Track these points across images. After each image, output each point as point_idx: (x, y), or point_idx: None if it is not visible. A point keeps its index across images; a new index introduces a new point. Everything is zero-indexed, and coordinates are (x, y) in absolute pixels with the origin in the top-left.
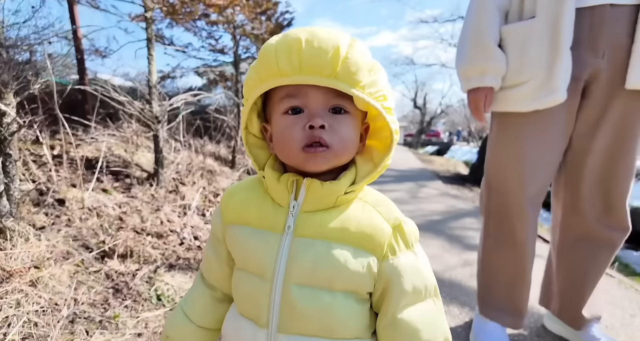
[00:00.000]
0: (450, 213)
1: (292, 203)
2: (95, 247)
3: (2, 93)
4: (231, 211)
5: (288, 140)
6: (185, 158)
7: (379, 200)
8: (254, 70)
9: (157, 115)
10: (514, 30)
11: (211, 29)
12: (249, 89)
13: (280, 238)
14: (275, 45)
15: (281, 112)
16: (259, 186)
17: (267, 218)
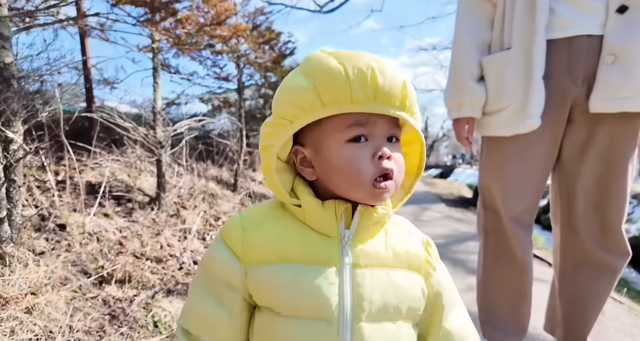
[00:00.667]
0: (453, 236)
1: (344, 233)
2: (94, 272)
3: (11, 121)
4: (258, 248)
5: (357, 171)
6: (188, 182)
7: (402, 220)
8: (310, 92)
9: (160, 141)
10: (493, 60)
11: (216, 58)
12: (300, 111)
13: (338, 272)
14: (347, 71)
15: (344, 140)
16: (283, 215)
17: (317, 252)
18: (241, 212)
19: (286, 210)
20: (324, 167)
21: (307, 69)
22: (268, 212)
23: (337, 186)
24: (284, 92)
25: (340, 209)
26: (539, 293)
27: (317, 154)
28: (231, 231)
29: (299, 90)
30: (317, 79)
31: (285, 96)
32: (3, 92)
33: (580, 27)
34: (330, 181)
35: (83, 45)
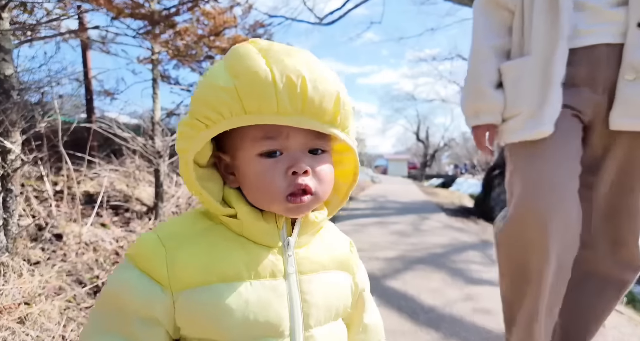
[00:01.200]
0: (453, 246)
1: (286, 241)
2: (89, 282)
3: (9, 132)
4: (190, 268)
5: (269, 187)
6: (186, 192)
7: (330, 224)
8: (231, 95)
9: (159, 150)
10: (512, 66)
11: None
12: (217, 115)
13: (284, 283)
14: (274, 77)
15: (255, 154)
16: (213, 227)
17: (261, 265)
18: (154, 229)
19: (214, 222)
20: (240, 178)
21: (232, 66)
22: (192, 225)
23: (254, 201)
24: (201, 88)
25: (281, 218)
26: None
27: (235, 164)
28: (147, 253)
29: (219, 90)
30: (240, 81)
31: (202, 94)
32: (2, 103)
33: (599, 36)
34: (251, 196)
35: (84, 57)
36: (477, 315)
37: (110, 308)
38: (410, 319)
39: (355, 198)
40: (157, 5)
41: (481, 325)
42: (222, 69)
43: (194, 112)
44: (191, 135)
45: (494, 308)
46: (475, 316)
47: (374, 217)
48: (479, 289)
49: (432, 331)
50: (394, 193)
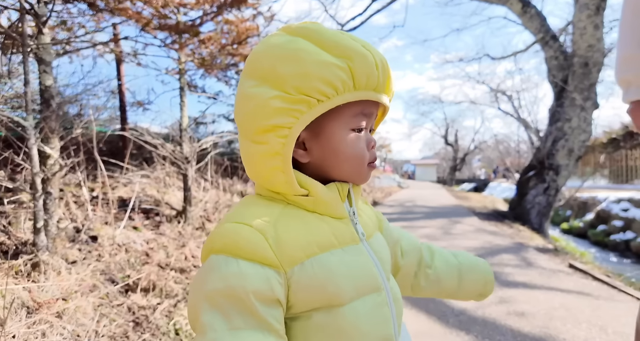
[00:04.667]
0: (486, 249)
1: (350, 210)
2: (121, 281)
3: (49, 138)
4: (294, 245)
5: (362, 156)
6: (213, 196)
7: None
8: (345, 72)
9: (187, 156)
10: None
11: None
12: (331, 90)
13: (362, 247)
14: (375, 58)
15: (350, 128)
16: (287, 208)
17: (343, 234)
18: (232, 219)
19: (280, 204)
20: (325, 151)
21: (336, 47)
22: (268, 209)
23: (338, 169)
24: (306, 64)
25: (344, 190)
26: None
27: (317, 137)
28: (248, 241)
29: (332, 67)
30: (353, 61)
31: (309, 69)
32: (43, 112)
33: None
34: (330, 164)
35: (119, 71)
36: (511, 318)
37: (230, 307)
38: (439, 321)
39: (382, 203)
40: (183, 16)
41: (516, 328)
42: (315, 48)
43: (297, 86)
44: (298, 109)
45: (529, 310)
46: (510, 319)
47: (401, 221)
48: (513, 292)
49: (463, 334)
50: (423, 198)
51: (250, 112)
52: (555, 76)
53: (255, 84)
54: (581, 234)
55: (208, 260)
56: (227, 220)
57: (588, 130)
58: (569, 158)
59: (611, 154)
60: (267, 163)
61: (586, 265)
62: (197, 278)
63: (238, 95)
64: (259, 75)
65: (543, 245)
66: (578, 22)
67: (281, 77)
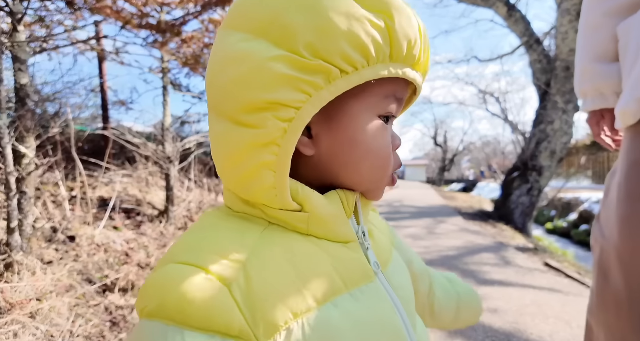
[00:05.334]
0: (467, 248)
1: (359, 230)
2: (98, 281)
3: (24, 137)
4: (274, 304)
5: (387, 156)
6: (197, 196)
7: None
8: (382, 34)
9: (169, 155)
10: (623, 28)
11: None
12: (361, 58)
13: (378, 285)
14: (419, 25)
15: (377, 113)
16: (269, 234)
17: (350, 269)
18: (181, 256)
19: (257, 226)
20: (340, 143)
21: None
22: (240, 237)
23: (351, 169)
24: (328, 13)
25: (350, 202)
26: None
27: (329, 122)
28: (199, 298)
29: (364, 22)
30: (392, 19)
31: (333, 21)
32: (18, 110)
33: None
34: (343, 162)
35: (100, 69)
36: (484, 314)
37: None
38: None
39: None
40: (167, 15)
41: (488, 324)
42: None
43: (316, 48)
44: (311, 82)
45: (502, 307)
46: (483, 316)
47: (388, 221)
48: (488, 289)
49: (436, 329)
50: (411, 198)
51: (238, 79)
52: (539, 79)
53: (246, 37)
54: (565, 234)
55: (137, 329)
56: (170, 258)
57: (569, 132)
58: (551, 159)
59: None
60: (252, 157)
61: (561, 264)
62: None
63: (216, 55)
64: (252, 26)
65: (523, 245)
66: (560, 26)
67: (289, 28)
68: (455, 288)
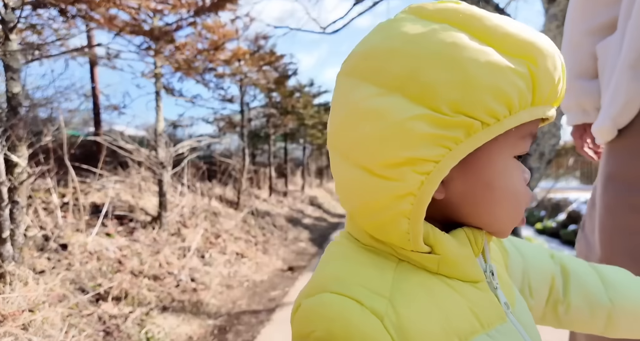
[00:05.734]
0: None
1: (487, 269)
2: (91, 290)
3: (16, 146)
4: (426, 337)
5: (522, 199)
6: (190, 201)
7: None
8: (525, 82)
9: (162, 161)
10: (600, 48)
11: (219, 80)
12: (504, 108)
13: (511, 325)
14: (561, 62)
15: (513, 155)
16: (404, 271)
17: (485, 309)
18: (334, 291)
19: (389, 261)
20: (474, 188)
21: (510, 41)
22: (381, 271)
23: (485, 214)
24: (469, 67)
25: (478, 242)
26: None
27: (466, 167)
28: (363, 330)
29: (507, 72)
30: (537, 64)
31: (474, 76)
32: (10, 120)
33: None
34: (475, 206)
35: (92, 74)
36: None
37: None
38: None
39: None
40: (160, 21)
41: None
42: (472, 39)
43: (458, 104)
44: (452, 138)
45: None
46: None
47: None
48: None
49: None
50: None
51: (375, 135)
52: None
53: (379, 92)
54: (554, 234)
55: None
56: (322, 287)
57: (557, 135)
58: (540, 161)
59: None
60: (391, 207)
61: None
62: None
63: (345, 106)
64: (386, 80)
65: None
66: (547, 31)
67: (429, 86)
68: (610, 293)
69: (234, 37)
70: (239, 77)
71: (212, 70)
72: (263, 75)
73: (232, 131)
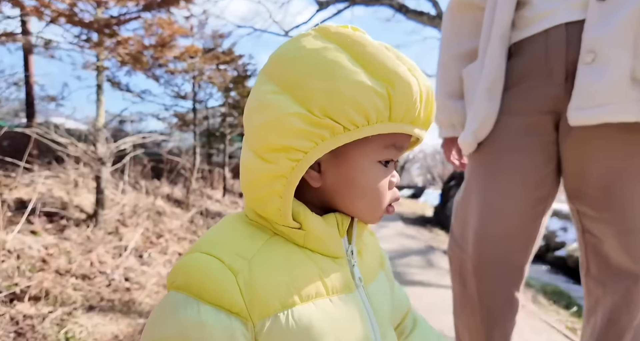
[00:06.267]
0: (400, 251)
1: (349, 249)
2: (5, 289)
3: None
4: (270, 292)
5: (383, 195)
6: (133, 199)
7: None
8: (383, 101)
9: (101, 157)
10: (465, 72)
11: (171, 76)
12: (362, 120)
13: (357, 296)
14: (420, 88)
15: (377, 160)
16: (273, 241)
17: (334, 279)
18: (202, 247)
19: (265, 234)
20: (341, 180)
21: (378, 67)
22: (251, 239)
23: (350, 204)
24: (339, 82)
25: (344, 225)
26: None
27: (337, 163)
28: (215, 280)
29: (369, 92)
30: (395, 89)
31: (342, 89)
32: None
33: (556, 16)
34: (343, 196)
35: (26, 62)
36: None
37: None
38: None
39: None
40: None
41: None
42: (349, 60)
43: (324, 108)
44: (319, 134)
45: (415, 305)
46: None
47: None
48: (409, 289)
49: None
50: None
51: (264, 125)
52: None
53: (275, 90)
54: None
55: (166, 297)
56: (198, 248)
57: None
58: None
59: None
60: (268, 185)
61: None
62: (152, 315)
63: (253, 96)
64: (281, 81)
65: None
66: None
67: (309, 91)
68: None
69: (187, 34)
70: (192, 74)
71: (162, 66)
72: (220, 74)
73: (186, 129)
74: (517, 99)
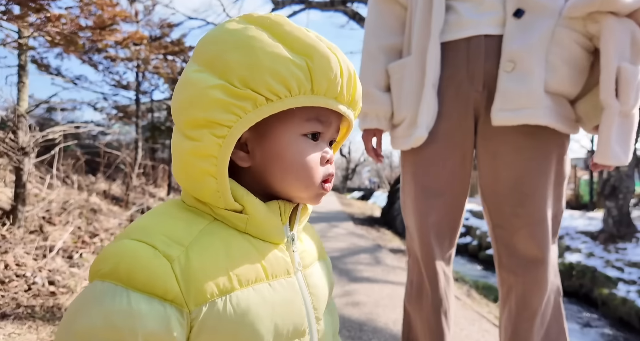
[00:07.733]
0: (349, 250)
1: (290, 236)
2: None
3: None
4: (207, 277)
5: (312, 170)
6: (62, 195)
7: None
8: (303, 72)
9: (23, 146)
10: (396, 67)
11: (111, 63)
12: (284, 90)
13: (295, 281)
14: (341, 66)
15: (300, 133)
16: (213, 226)
17: (275, 264)
18: (132, 234)
19: (205, 219)
20: (268, 158)
21: (296, 42)
22: (188, 225)
23: (281, 180)
24: (257, 53)
25: (286, 211)
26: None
27: (261, 139)
28: (146, 267)
29: (287, 62)
30: (313, 62)
31: (260, 60)
32: None
33: (478, 27)
34: (273, 173)
35: None
36: (347, 308)
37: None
38: None
39: None
40: None
41: (347, 315)
42: (271, 39)
43: (245, 79)
44: (241, 106)
45: (363, 300)
46: (345, 309)
47: None
48: (356, 286)
49: None
50: None
51: (186, 100)
52: None
53: (198, 68)
54: None
55: (88, 287)
56: (126, 235)
57: None
58: None
59: None
60: (197, 165)
61: None
62: (70, 308)
63: (179, 80)
64: (203, 60)
65: (397, 247)
66: None
67: (227, 64)
68: None
69: (131, 19)
70: (136, 63)
71: (101, 51)
72: (167, 64)
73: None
74: (448, 99)
